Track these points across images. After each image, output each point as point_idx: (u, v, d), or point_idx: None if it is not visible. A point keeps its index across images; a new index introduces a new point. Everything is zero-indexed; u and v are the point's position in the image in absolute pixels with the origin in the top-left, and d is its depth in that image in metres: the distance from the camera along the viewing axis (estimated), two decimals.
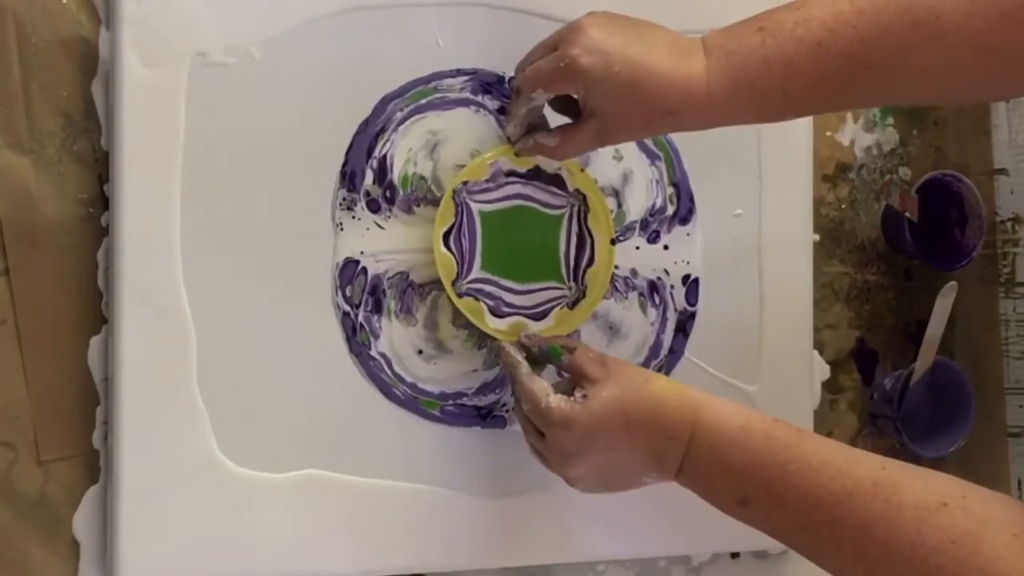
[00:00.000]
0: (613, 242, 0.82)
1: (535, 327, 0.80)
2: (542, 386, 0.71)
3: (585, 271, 0.82)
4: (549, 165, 0.81)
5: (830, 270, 0.95)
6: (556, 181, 0.82)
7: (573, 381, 0.72)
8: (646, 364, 0.85)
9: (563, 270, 0.82)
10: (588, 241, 0.82)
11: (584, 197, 0.82)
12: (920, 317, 0.96)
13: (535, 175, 0.81)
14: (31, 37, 0.74)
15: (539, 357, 0.77)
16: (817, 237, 0.91)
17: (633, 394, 0.69)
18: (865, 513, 0.63)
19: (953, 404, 0.94)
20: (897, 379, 0.93)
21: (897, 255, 0.97)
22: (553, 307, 0.82)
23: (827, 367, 0.93)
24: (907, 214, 0.93)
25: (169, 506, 0.73)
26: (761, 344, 0.88)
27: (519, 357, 0.75)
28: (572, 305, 0.82)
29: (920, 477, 0.64)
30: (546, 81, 0.71)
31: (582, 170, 0.81)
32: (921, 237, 0.94)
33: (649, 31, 0.71)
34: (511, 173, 0.81)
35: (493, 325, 0.80)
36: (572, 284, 0.82)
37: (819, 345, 0.93)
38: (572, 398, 0.69)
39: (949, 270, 0.94)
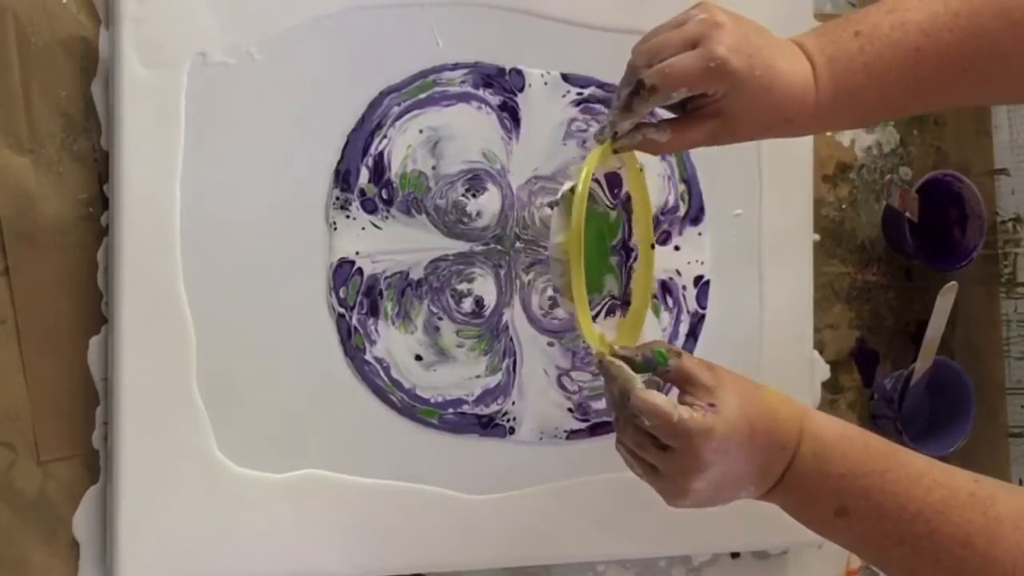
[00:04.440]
0: (652, 246, 0.77)
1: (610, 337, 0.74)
2: (666, 399, 0.65)
3: (630, 276, 0.78)
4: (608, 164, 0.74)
5: (830, 270, 0.95)
6: (616, 181, 0.77)
7: (681, 388, 0.68)
8: None
9: (619, 275, 0.78)
10: (629, 245, 0.78)
11: (628, 197, 0.77)
12: (920, 317, 0.96)
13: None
14: (31, 37, 0.74)
15: (643, 366, 0.69)
16: (817, 237, 0.91)
17: (754, 403, 0.67)
18: (964, 526, 0.62)
19: (953, 404, 0.94)
20: (897, 379, 0.93)
21: (897, 255, 0.97)
22: (607, 315, 0.77)
23: (827, 367, 0.93)
24: (907, 214, 0.93)
25: (169, 506, 0.73)
26: (761, 344, 0.88)
27: (630, 371, 0.68)
28: (624, 312, 0.77)
29: (1013, 491, 0.64)
30: (694, 81, 0.65)
31: (641, 170, 0.76)
32: (921, 237, 0.94)
33: (767, 33, 0.69)
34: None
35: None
36: (619, 289, 0.78)
37: (819, 345, 0.93)
38: (702, 408, 0.66)
39: (949, 270, 0.94)
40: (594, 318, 0.73)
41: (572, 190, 0.68)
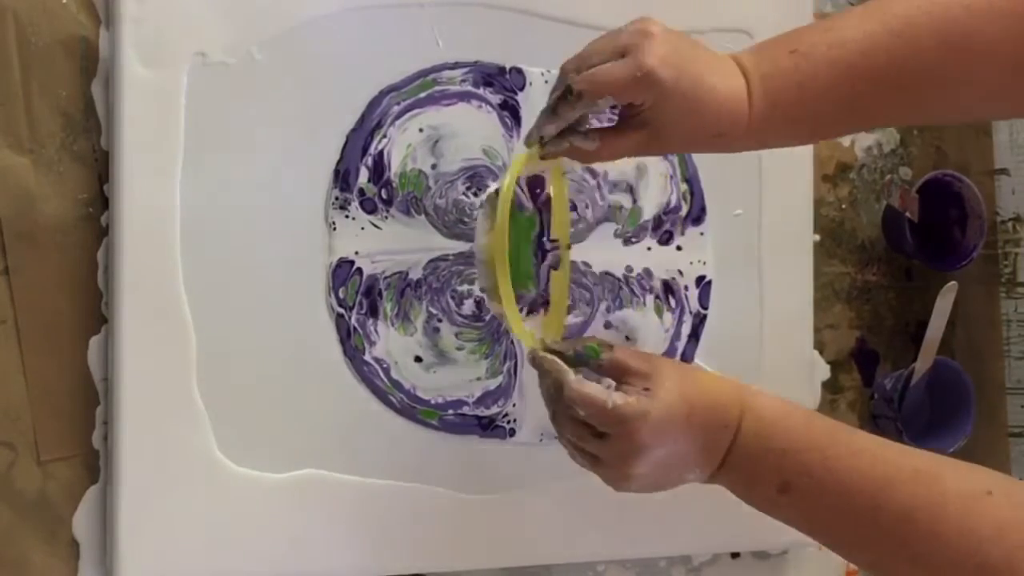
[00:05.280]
0: (568, 247, 0.79)
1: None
2: (599, 388, 0.66)
3: (548, 275, 0.80)
4: (537, 167, 0.78)
5: (830, 270, 0.95)
6: (537, 183, 0.79)
7: (617, 379, 0.69)
8: None
9: (535, 275, 0.80)
10: (545, 245, 0.80)
11: (548, 199, 0.80)
12: (920, 317, 0.96)
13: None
14: (31, 37, 0.74)
15: (575, 360, 0.71)
16: (817, 237, 0.91)
17: (691, 384, 0.68)
18: (908, 501, 0.62)
19: (953, 404, 0.94)
20: (897, 379, 0.93)
21: (897, 255, 0.97)
22: (529, 313, 0.80)
23: (827, 367, 0.93)
24: (907, 214, 0.93)
25: (169, 506, 0.73)
26: (761, 344, 0.88)
27: (562, 363, 0.69)
28: (546, 310, 0.80)
29: (960, 467, 0.64)
30: (619, 89, 0.66)
31: (564, 174, 0.79)
32: (921, 237, 0.94)
33: (700, 48, 0.69)
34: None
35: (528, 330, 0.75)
36: (536, 288, 0.80)
37: (819, 345, 0.93)
38: (636, 392, 0.66)
39: (949, 270, 0.94)
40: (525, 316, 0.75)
41: (497, 192, 0.68)
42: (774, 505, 0.67)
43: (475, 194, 0.81)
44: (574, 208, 0.82)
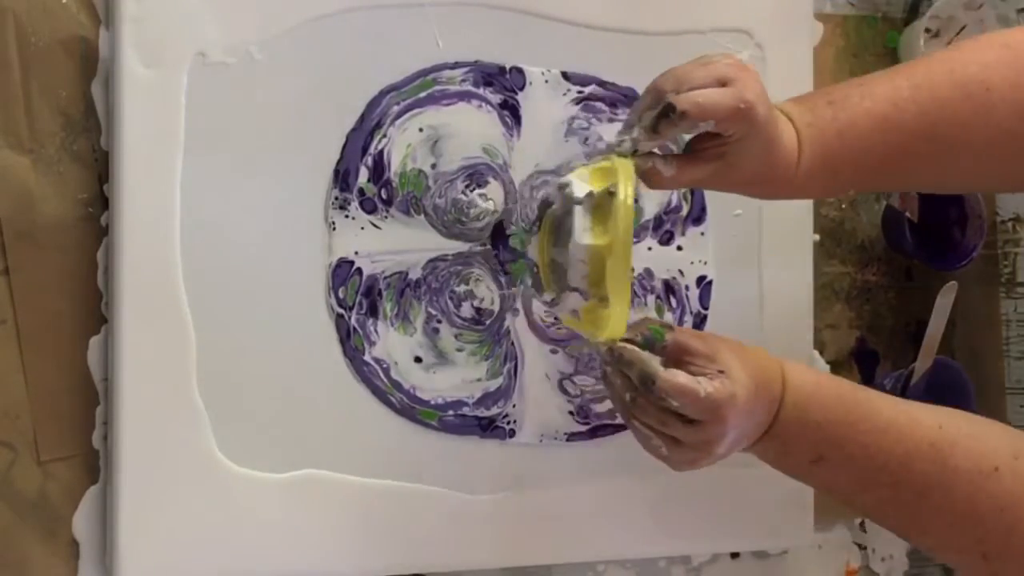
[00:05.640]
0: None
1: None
2: (689, 377, 0.66)
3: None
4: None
5: (830, 270, 0.95)
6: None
7: (677, 359, 0.68)
8: None
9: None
10: None
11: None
12: (920, 317, 0.96)
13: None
14: (31, 37, 0.74)
15: (643, 346, 0.69)
16: (817, 237, 0.91)
17: (747, 360, 0.68)
18: (923, 479, 0.67)
19: (953, 404, 0.93)
20: (897, 379, 0.93)
21: (897, 255, 0.97)
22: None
23: (827, 367, 0.93)
24: (907, 214, 0.93)
25: (169, 506, 0.73)
26: (761, 344, 0.87)
27: (646, 354, 0.67)
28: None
29: (974, 436, 0.68)
30: (723, 116, 0.66)
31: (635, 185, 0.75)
32: (921, 237, 0.94)
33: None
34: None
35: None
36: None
37: (819, 345, 0.93)
38: (717, 376, 0.66)
39: (949, 270, 0.94)
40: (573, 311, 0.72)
41: (610, 192, 0.67)
42: (805, 473, 0.70)
43: (474, 191, 0.81)
44: None
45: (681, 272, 0.85)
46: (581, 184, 0.69)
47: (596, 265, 0.68)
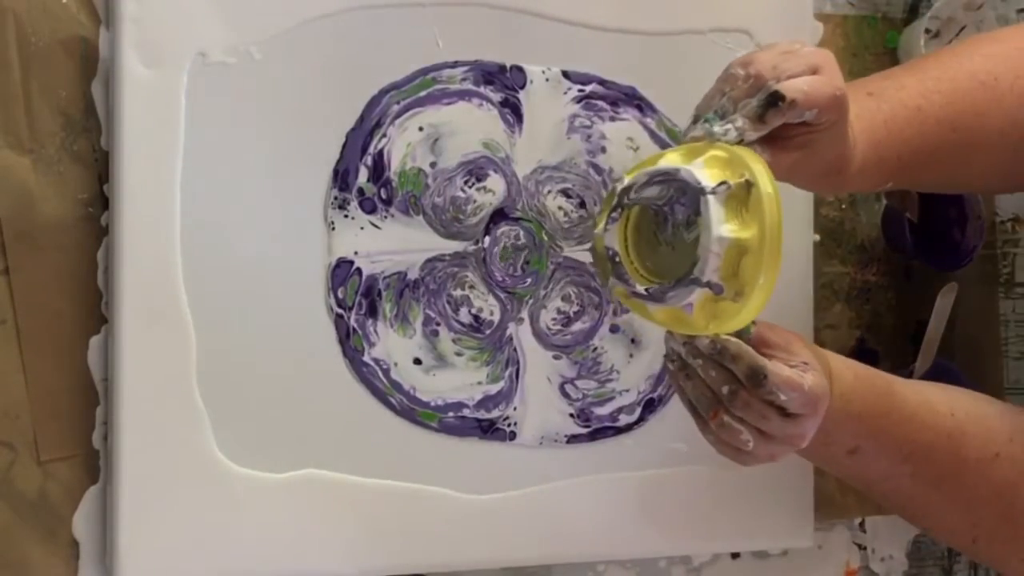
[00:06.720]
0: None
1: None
2: (794, 371, 0.65)
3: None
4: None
5: (830, 270, 0.95)
6: None
7: (756, 351, 0.66)
8: (662, 372, 0.84)
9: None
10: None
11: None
12: (920, 317, 0.96)
13: None
14: (31, 37, 0.74)
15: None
16: (817, 237, 0.91)
17: (814, 349, 0.69)
18: (938, 469, 0.71)
19: None
20: None
21: (897, 255, 0.97)
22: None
23: None
24: (907, 214, 0.93)
25: (169, 506, 0.73)
26: None
27: (751, 349, 0.66)
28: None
29: (981, 422, 0.71)
30: (824, 104, 0.65)
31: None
32: (921, 237, 0.94)
33: None
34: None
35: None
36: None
37: (819, 345, 0.93)
38: (808, 369, 0.66)
39: (949, 270, 0.94)
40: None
41: (747, 183, 0.64)
42: (838, 464, 0.73)
43: (472, 186, 0.81)
44: (583, 205, 0.83)
45: None
46: (707, 173, 0.66)
47: (732, 258, 0.65)
